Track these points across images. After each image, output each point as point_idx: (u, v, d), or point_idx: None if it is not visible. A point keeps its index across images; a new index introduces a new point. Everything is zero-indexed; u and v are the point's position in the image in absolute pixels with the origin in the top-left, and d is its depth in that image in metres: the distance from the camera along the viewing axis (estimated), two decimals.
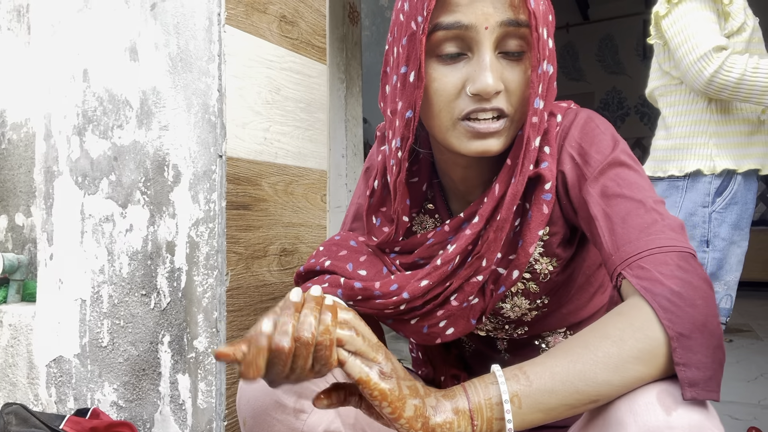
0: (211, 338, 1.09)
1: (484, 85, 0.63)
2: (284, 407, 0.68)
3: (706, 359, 0.53)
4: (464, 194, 0.80)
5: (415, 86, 0.67)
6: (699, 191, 1.48)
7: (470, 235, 0.70)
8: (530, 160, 0.67)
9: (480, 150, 0.67)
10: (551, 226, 0.74)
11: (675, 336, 0.53)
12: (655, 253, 0.58)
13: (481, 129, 0.66)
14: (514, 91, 0.66)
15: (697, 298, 0.54)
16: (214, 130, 1.09)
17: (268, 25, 1.20)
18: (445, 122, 0.68)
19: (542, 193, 0.70)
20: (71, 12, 1.29)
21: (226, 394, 1.11)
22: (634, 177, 0.66)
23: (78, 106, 1.28)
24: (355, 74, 2.77)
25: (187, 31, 1.12)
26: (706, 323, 0.54)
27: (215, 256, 1.09)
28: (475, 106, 0.65)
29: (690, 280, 0.56)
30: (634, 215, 0.62)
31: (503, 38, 0.65)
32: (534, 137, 0.67)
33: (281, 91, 1.24)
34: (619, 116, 6.20)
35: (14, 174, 1.63)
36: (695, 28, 1.41)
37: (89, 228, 1.26)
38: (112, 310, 1.23)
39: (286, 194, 1.26)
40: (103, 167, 1.24)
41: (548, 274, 0.76)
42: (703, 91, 1.42)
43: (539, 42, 0.63)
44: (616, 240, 0.62)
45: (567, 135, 0.71)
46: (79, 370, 1.28)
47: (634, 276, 0.58)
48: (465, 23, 0.64)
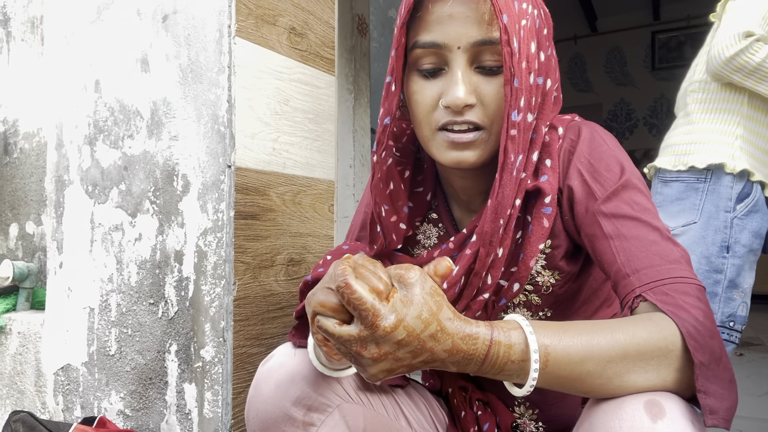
0: (217, 347, 1.10)
1: (453, 98, 0.67)
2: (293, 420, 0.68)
3: (724, 390, 0.54)
4: (466, 203, 0.81)
5: (394, 95, 0.71)
6: (721, 195, 1.46)
7: (470, 255, 0.71)
8: (511, 173, 0.67)
9: (456, 160, 0.70)
10: (553, 240, 0.74)
11: (698, 363, 0.53)
12: (678, 282, 0.59)
13: (455, 139, 0.69)
14: (489, 104, 0.68)
15: (715, 332, 0.56)
16: (224, 140, 1.10)
17: (277, 37, 1.22)
18: (426, 132, 0.71)
19: (542, 206, 0.70)
20: (84, 24, 1.31)
21: (232, 404, 1.11)
22: (646, 202, 0.67)
23: (89, 116, 1.29)
24: (364, 85, 2.78)
25: (197, 42, 1.14)
26: (721, 357, 0.55)
27: (223, 265, 1.10)
28: (448, 118, 0.68)
29: (708, 313, 0.57)
30: (651, 241, 0.63)
31: (478, 54, 0.68)
32: (514, 150, 0.67)
33: (290, 102, 1.25)
34: (628, 128, 6.18)
35: (26, 183, 1.65)
36: (742, 13, 1.41)
37: (99, 237, 1.27)
38: (120, 319, 1.23)
39: (294, 204, 1.27)
40: (114, 177, 1.25)
41: (550, 287, 0.76)
42: (720, 69, 1.41)
43: (512, 57, 0.65)
44: (633, 262, 0.62)
45: (575, 150, 0.72)
46: (87, 379, 1.28)
47: (659, 300, 0.58)
48: (439, 42, 0.68)
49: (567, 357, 0.54)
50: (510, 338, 0.54)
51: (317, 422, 0.68)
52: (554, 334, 0.54)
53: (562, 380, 0.55)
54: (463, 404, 0.85)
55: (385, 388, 0.80)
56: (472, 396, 0.85)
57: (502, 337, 0.54)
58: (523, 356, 0.54)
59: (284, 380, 0.71)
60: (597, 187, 0.68)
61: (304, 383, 0.71)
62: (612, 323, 0.57)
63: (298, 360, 0.74)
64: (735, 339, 1.47)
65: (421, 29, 0.69)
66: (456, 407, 0.87)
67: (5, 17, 1.70)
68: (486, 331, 0.54)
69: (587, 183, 0.69)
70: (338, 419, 0.68)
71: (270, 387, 0.71)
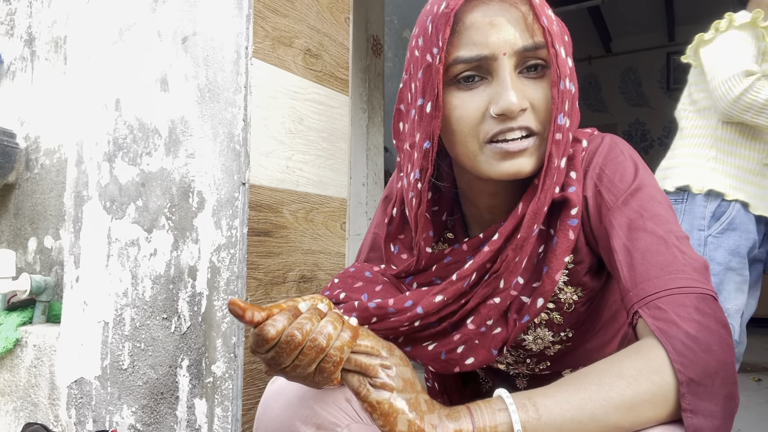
0: (228, 363, 1.10)
1: (508, 104, 0.63)
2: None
3: (716, 407, 0.52)
4: (488, 222, 0.78)
5: (432, 116, 0.67)
6: (695, 214, 1.50)
7: (488, 252, 0.68)
8: (552, 178, 0.66)
9: (512, 171, 0.66)
10: (576, 254, 0.72)
11: (685, 381, 0.52)
12: (674, 294, 0.57)
13: (511, 148, 0.65)
14: (539, 108, 0.65)
15: (713, 344, 0.53)
16: (239, 158, 1.12)
17: (293, 58, 1.24)
18: (472, 148, 0.67)
19: (568, 218, 0.68)
20: (106, 44, 1.35)
21: (242, 421, 1.11)
22: (658, 209, 0.64)
23: (109, 134, 1.33)
24: (377, 104, 2.81)
25: (215, 63, 1.16)
26: (719, 371, 0.53)
27: (236, 281, 1.11)
28: (501, 126, 0.64)
29: (707, 324, 0.54)
30: (654, 251, 0.61)
31: (522, 59, 0.65)
32: (557, 155, 0.66)
33: (304, 121, 1.27)
34: (643, 148, 6.15)
35: (45, 198, 1.69)
36: (730, 53, 1.46)
37: (115, 252, 1.30)
38: (133, 333, 1.25)
39: (307, 221, 1.28)
40: (131, 193, 1.28)
41: (572, 304, 0.74)
42: (728, 110, 1.45)
43: (557, 58, 0.63)
44: (634, 276, 0.61)
45: (591, 161, 0.70)
46: (99, 392, 1.30)
47: (650, 316, 0.57)
48: (484, 55, 0.64)
49: (564, 419, 0.53)
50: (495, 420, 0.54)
51: None
52: (540, 401, 0.54)
53: None
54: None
55: None
56: None
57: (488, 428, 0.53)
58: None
59: (293, 399, 0.71)
60: (609, 196, 0.67)
61: (313, 402, 0.71)
62: (598, 369, 0.55)
63: None
64: None
65: (461, 43, 0.65)
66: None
67: (30, 37, 1.76)
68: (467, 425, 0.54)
69: (600, 193, 0.68)
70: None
71: (279, 405, 0.71)
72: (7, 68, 1.79)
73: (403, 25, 3.72)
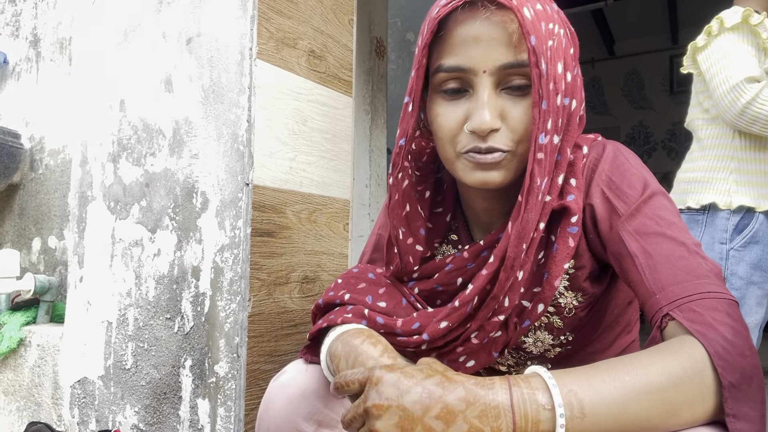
0: (231, 363, 1.11)
1: (479, 123, 0.65)
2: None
3: (754, 412, 0.52)
4: (487, 225, 0.79)
5: (411, 116, 0.70)
6: (717, 227, 1.45)
7: (486, 276, 0.69)
8: (537, 197, 0.66)
9: (481, 181, 0.68)
10: (577, 260, 0.73)
11: (727, 385, 0.51)
12: (706, 298, 0.57)
13: (480, 160, 0.67)
14: (515, 126, 0.67)
15: (746, 349, 0.53)
16: (242, 159, 1.13)
17: (297, 59, 1.25)
18: (450, 155, 0.70)
19: (568, 226, 0.69)
20: (111, 45, 1.35)
21: (244, 421, 1.11)
22: (671, 217, 0.65)
23: (114, 135, 1.33)
24: (380, 106, 2.82)
25: (220, 64, 1.17)
26: (753, 376, 0.53)
27: (239, 281, 1.11)
28: (473, 144, 0.67)
29: (739, 329, 0.54)
30: (678, 256, 0.61)
31: (505, 77, 0.66)
32: (540, 174, 0.66)
33: (308, 122, 1.28)
34: (646, 151, 6.15)
35: (49, 198, 1.69)
36: (730, 59, 1.40)
37: (119, 252, 1.30)
38: (136, 333, 1.25)
39: (310, 222, 1.28)
40: (135, 193, 1.28)
41: (573, 309, 0.75)
42: (734, 122, 1.39)
43: (540, 79, 0.64)
44: (660, 279, 0.60)
45: (596, 168, 0.71)
46: (102, 392, 1.30)
47: (686, 318, 0.56)
48: (463, 67, 0.66)
49: (604, 405, 0.51)
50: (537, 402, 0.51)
51: None
52: (583, 380, 0.52)
53: (606, 429, 0.52)
54: None
55: None
56: None
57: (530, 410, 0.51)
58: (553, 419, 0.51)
59: (295, 395, 0.71)
60: (620, 204, 0.67)
61: (315, 399, 0.71)
62: (643, 361, 0.54)
63: (309, 375, 0.75)
64: None
65: (445, 52, 0.67)
66: None
67: (35, 38, 1.76)
68: (504, 394, 0.52)
69: (609, 200, 0.68)
70: None
71: (281, 402, 0.72)
72: (13, 69, 1.80)
73: (407, 27, 3.73)
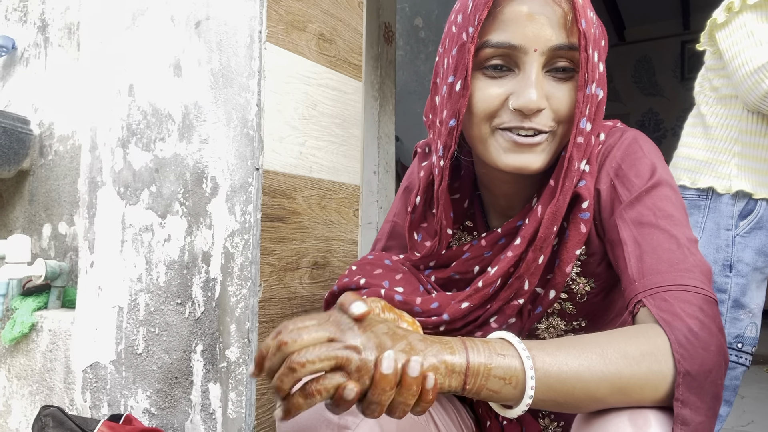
0: (242, 348, 1.11)
1: (527, 101, 0.63)
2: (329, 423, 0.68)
3: (703, 405, 0.53)
4: (505, 210, 0.79)
5: (461, 95, 0.67)
6: (722, 213, 1.42)
7: (512, 257, 0.69)
8: (572, 180, 0.67)
9: (518, 165, 0.67)
10: (589, 246, 0.73)
11: (682, 372, 0.53)
12: (681, 290, 0.58)
13: (522, 141, 0.66)
14: (558, 108, 0.66)
15: (712, 344, 0.54)
16: (252, 143, 1.12)
17: (306, 43, 1.23)
18: (484, 132, 0.68)
19: (580, 212, 0.69)
20: (119, 29, 1.34)
21: (255, 405, 1.11)
22: (671, 209, 0.65)
23: (123, 120, 1.33)
24: (389, 92, 2.80)
25: (229, 48, 1.16)
26: (712, 370, 0.54)
27: (249, 267, 1.11)
28: (515, 123, 0.65)
29: (709, 325, 0.55)
30: (666, 248, 0.62)
31: (552, 58, 0.65)
32: (578, 158, 0.66)
33: (317, 106, 1.27)
34: (656, 138, 6.09)
35: (59, 184, 1.69)
36: (754, 39, 1.35)
37: (129, 237, 1.30)
38: (147, 318, 1.26)
39: (320, 208, 1.28)
40: (145, 178, 1.28)
41: (585, 295, 0.75)
42: (757, 105, 1.35)
43: (588, 63, 0.63)
44: (642, 268, 0.61)
45: (609, 154, 0.71)
46: (114, 377, 1.31)
47: (655, 306, 0.57)
48: (515, 44, 0.64)
49: (559, 380, 0.53)
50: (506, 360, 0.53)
51: (352, 425, 0.68)
52: (547, 354, 0.54)
53: (552, 403, 0.55)
54: (488, 414, 0.85)
55: None
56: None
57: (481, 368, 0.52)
58: (517, 375, 0.53)
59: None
60: (623, 191, 0.67)
61: None
62: (603, 341, 0.55)
63: None
64: (745, 361, 1.43)
65: (494, 28, 0.64)
66: (482, 416, 0.86)
67: (43, 23, 1.76)
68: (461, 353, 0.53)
69: (615, 187, 0.68)
70: (372, 422, 0.68)
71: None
72: (21, 55, 1.80)
73: (415, 13, 3.69)
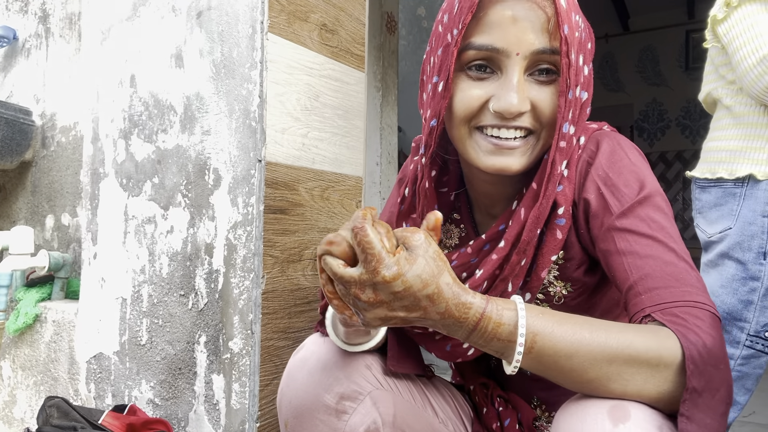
0: (245, 340, 1.11)
1: (507, 105, 0.64)
2: (327, 407, 0.69)
3: (710, 421, 0.53)
4: (488, 207, 0.81)
5: (442, 96, 0.68)
6: (758, 199, 1.39)
7: (497, 260, 0.70)
8: (555, 184, 0.67)
9: (498, 167, 0.68)
10: (566, 251, 0.73)
11: (690, 388, 0.52)
12: (692, 306, 0.58)
13: (503, 144, 0.67)
14: (542, 111, 0.67)
15: (721, 363, 0.54)
16: (255, 135, 1.12)
17: (308, 33, 1.23)
18: (464, 132, 0.69)
19: (556, 218, 0.70)
20: (121, 20, 1.34)
21: (259, 396, 1.12)
22: (664, 221, 0.65)
23: (125, 111, 1.32)
24: (391, 83, 2.78)
25: (231, 38, 1.15)
26: (720, 388, 0.54)
27: (252, 258, 1.11)
28: (495, 121, 0.67)
29: (719, 343, 0.55)
30: (667, 262, 0.61)
31: (535, 62, 0.66)
32: (560, 162, 0.67)
33: (320, 97, 1.26)
34: (660, 128, 6.06)
35: (62, 176, 1.69)
36: (755, 31, 1.34)
37: (132, 229, 1.30)
38: (151, 310, 1.26)
39: (322, 200, 1.27)
40: (147, 170, 1.28)
41: (562, 298, 0.76)
42: (761, 97, 1.34)
43: (570, 68, 0.64)
44: (646, 281, 0.61)
45: (593, 162, 0.70)
46: (118, 367, 1.31)
47: (668, 321, 0.57)
48: (497, 47, 0.65)
49: (553, 348, 0.54)
50: (501, 316, 0.55)
51: (349, 410, 0.69)
52: (547, 322, 0.55)
53: (547, 370, 0.55)
54: (484, 401, 0.86)
55: (412, 377, 0.81)
56: (494, 393, 0.86)
57: (493, 314, 0.54)
58: (510, 337, 0.54)
59: (316, 368, 0.72)
60: (614, 202, 0.67)
61: (336, 370, 0.72)
62: (612, 326, 0.56)
63: (327, 348, 0.76)
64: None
65: (478, 30, 0.66)
66: (479, 403, 0.87)
67: (44, 14, 1.75)
68: (480, 304, 0.55)
69: (604, 197, 0.68)
70: (370, 406, 0.69)
71: (303, 375, 0.72)
72: (22, 45, 1.79)
73: (418, 2, 3.67)
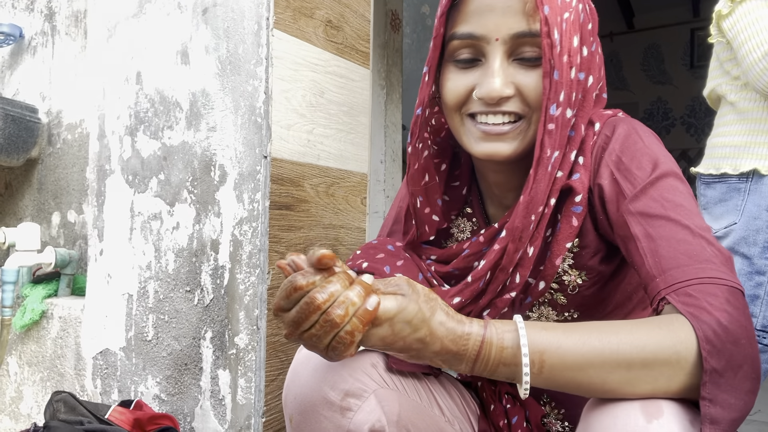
0: (251, 335, 1.11)
1: (489, 90, 0.66)
2: (332, 404, 0.69)
3: (735, 400, 0.51)
4: (499, 198, 0.80)
5: (426, 85, 0.71)
6: (763, 194, 1.39)
7: (498, 250, 0.70)
8: (546, 168, 0.66)
9: (489, 153, 0.69)
10: (581, 239, 0.72)
11: (710, 369, 0.51)
12: (706, 283, 0.56)
13: (490, 130, 0.68)
14: (528, 94, 0.67)
15: (742, 337, 0.53)
16: (260, 131, 1.12)
17: (314, 30, 1.23)
18: (456, 121, 0.72)
19: (572, 205, 0.69)
20: (126, 17, 1.34)
21: (265, 391, 1.12)
22: (680, 199, 0.63)
23: (131, 108, 1.33)
24: (396, 81, 2.78)
25: (236, 35, 1.15)
26: (743, 364, 0.52)
27: (258, 254, 1.11)
28: (482, 108, 0.68)
29: (738, 317, 0.53)
30: (681, 240, 0.60)
31: (518, 46, 0.67)
32: (551, 145, 0.66)
33: (325, 94, 1.26)
34: (664, 127, 6.04)
35: (68, 173, 1.70)
36: (760, 25, 1.34)
37: (138, 225, 1.31)
38: (157, 306, 1.26)
39: (327, 196, 1.28)
40: (153, 166, 1.28)
41: (576, 287, 0.75)
42: (766, 90, 1.34)
43: (552, 49, 0.64)
44: (661, 263, 0.59)
45: (607, 147, 0.69)
46: (124, 363, 1.32)
47: (680, 302, 0.55)
48: (476, 34, 0.67)
49: (564, 364, 0.53)
50: (503, 339, 0.54)
51: (354, 407, 0.68)
52: (553, 337, 0.54)
53: (565, 386, 0.54)
54: (492, 397, 0.85)
55: (418, 375, 0.81)
56: (501, 389, 0.85)
57: (494, 338, 0.54)
58: (514, 360, 0.53)
59: (321, 365, 0.72)
60: (626, 185, 0.66)
61: (341, 367, 0.72)
62: (621, 327, 0.55)
63: None
64: None
65: (460, 20, 0.68)
66: (486, 400, 0.87)
67: (50, 11, 1.76)
68: (479, 331, 0.54)
69: (617, 181, 0.67)
70: (374, 404, 0.69)
71: (308, 371, 0.72)
72: (28, 43, 1.80)
73: (422, 1, 3.66)
